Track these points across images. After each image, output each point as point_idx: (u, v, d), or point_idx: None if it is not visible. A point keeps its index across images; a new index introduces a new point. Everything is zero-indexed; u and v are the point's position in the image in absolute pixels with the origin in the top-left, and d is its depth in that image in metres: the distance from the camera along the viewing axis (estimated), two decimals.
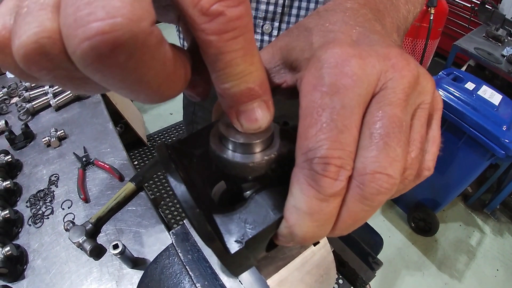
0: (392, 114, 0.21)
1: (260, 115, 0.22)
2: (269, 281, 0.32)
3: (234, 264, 0.24)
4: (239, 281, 0.40)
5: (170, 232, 0.46)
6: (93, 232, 0.87)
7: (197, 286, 0.41)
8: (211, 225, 0.23)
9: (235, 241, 0.23)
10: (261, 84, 0.21)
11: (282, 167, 0.25)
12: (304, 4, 0.74)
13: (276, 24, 0.77)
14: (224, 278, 0.41)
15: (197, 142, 0.28)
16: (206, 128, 0.28)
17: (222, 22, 0.18)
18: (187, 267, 0.43)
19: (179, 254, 0.45)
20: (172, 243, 0.46)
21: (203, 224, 0.22)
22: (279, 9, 0.75)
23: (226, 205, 0.25)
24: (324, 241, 0.35)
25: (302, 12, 0.75)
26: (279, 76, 0.28)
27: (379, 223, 2.47)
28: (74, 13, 0.15)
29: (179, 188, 0.23)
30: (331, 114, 0.20)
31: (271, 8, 0.74)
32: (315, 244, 0.34)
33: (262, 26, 0.77)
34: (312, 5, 0.73)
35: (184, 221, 0.47)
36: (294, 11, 0.75)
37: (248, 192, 0.26)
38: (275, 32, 0.78)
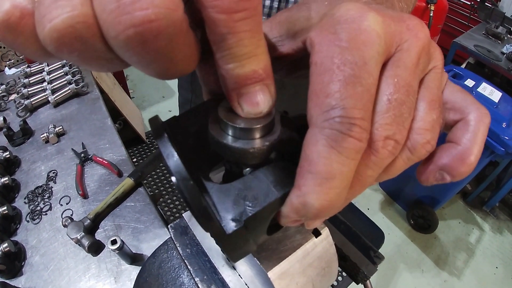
0: (408, 82, 0.21)
1: (262, 99, 0.21)
2: (270, 274, 0.31)
3: (232, 247, 0.23)
4: (239, 275, 0.40)
5: (169, 226, 0.46)
6: (91, 228, 0.86)
7: (196, 280, 0.41)
8: (207, 202, 0.21)
9: (232, 220, 0.21)
10: (265, 68, 0.21)
11: (283, 155, 0.24)
12: None
13: None
14: (224, 272, 0.41)
15: (193, 119, 0.26)
16: (202, 106, 0.27)
17: (234, 1, 0.18)
18: (185, 261, 0.43)
19: (178, 248, 0.44)
20: (171, 237, 0.45)
21: (197, 198, 0.20)
22: (275, 4, 0.74)
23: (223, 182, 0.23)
24: (326, 233, 0.34)
25: None
26: (278, 47, 0.27)
27: (379, 220, 2.47)
28: (116, 0, 0.15)
29: (172, 158, 0.21)
30: (353, 70, 0.19)
31: (267, 2, 0.74)
32: (316, 236, 0.33)
33: None
34: None
35: (183, 215, 0.47)
36: (290, 6, 0.75)
37: (247, 170, 0.25)
38: None
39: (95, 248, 0.83)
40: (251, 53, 0.20)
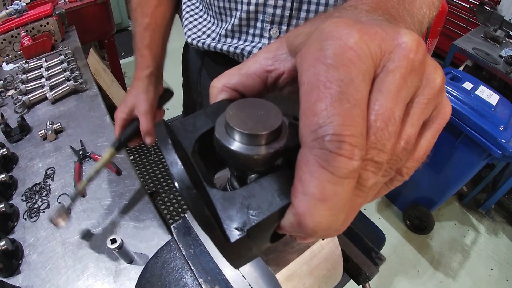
0: (388, 108, 0.20)
1: None
2: (278, 275, 0.31)
3: (234, 255, 0.23)
4: (243, 276, 0.40)
5: (172, 226, 0.46)
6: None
7: (199, 281, 0.41)
8: (210, 209, 0.21)
9: (236, 229, 0.21)
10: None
11: (289, 163, 0.24)
12: (313, 7, 0.71)
13: (284, 28, 0.75)
14: (228, 273, 0.40)
15: (199, 122, 0.26)
16: (209, 109, 0.27)
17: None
18: (189, 261, 0.43)
19: (181, 248, 0.44)
20: (173, 237, 0.45)
21: (200, 207, 0.20)
22: (286, 13, 0.72)
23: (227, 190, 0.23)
24: None
25: (311, 15, 0.72)
26: (285, 63, 0.27)
27: (375, 220, 2.48)
28: None
29: (176, 166, 0.20)
30: (340, 87, 0.19)
31: (278, 11, 0.73)
32: (323, 238, 0.33)
33: (270, 30, 0.76)
34: (321, 8, 0.71)
35: (186, 215, 0.46)
36: (302, 14, 0.73)
37: (252, 176, 0.24)
38: None
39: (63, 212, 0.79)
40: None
